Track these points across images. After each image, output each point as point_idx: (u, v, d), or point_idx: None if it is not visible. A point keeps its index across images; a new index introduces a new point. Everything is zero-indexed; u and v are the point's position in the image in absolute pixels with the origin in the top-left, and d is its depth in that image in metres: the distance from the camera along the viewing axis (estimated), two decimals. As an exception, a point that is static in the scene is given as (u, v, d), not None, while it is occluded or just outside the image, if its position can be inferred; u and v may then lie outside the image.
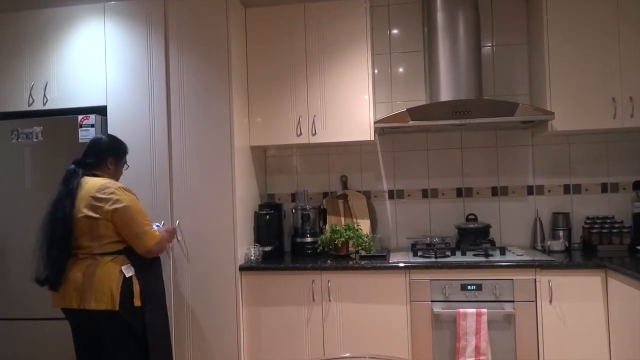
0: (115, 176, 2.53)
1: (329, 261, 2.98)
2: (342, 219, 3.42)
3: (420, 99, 3.42)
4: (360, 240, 3.10)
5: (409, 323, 2.83)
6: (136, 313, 2.33)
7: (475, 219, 3.34)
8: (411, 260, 2.92)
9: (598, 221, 3.14)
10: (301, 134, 3.18)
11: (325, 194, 3.55)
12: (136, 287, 2.33)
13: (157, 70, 3.01)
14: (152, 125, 3.00)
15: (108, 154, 2.48)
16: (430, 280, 2.81)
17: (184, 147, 2.99)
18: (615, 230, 3.07)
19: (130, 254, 2.37)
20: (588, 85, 2.96)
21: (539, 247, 3.20)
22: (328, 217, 3.43)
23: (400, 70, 3.49)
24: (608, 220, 3.13)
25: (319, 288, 2.91)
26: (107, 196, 2.32)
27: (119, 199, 2.32)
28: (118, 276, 2.30)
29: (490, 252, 2.97)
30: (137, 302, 2.33)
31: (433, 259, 2.92)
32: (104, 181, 2.39)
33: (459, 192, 3.43)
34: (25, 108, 3.13)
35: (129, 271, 2.33)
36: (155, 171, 2.99)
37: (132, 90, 3.02)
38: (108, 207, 2.30)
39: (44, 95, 3.11)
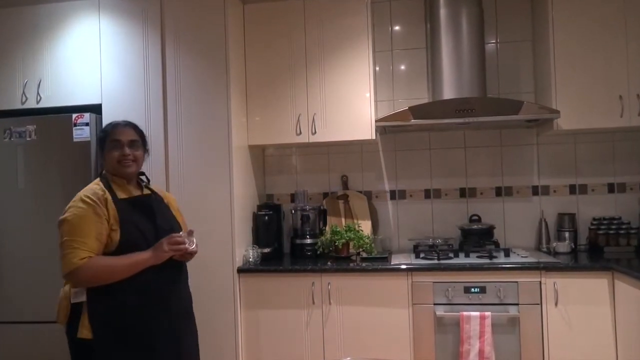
0: (114, 170, 2.08)
1: (329, 263, 2.96)
2: (343, 219, 3.39)
3: (422, 97, 3.39)
4: (361, 241, 3.07)
5: (411, 326, 2.79)
6: (82, 345, 1.93)
7: (479, 220, 3.31)
8: (413, 262, 2.89)
9: (605, 222, 3.11)
10: (301, 132, 3.15)
11: (325, 195, 3.52)
12: (84, 317, 1.94)
13: (153, 67, 2.98)
14: (148, 124, 2.95)
15: (98, 148, 2.19)
16: (433, 282, 2.78)
17: (180, 147, 2.96)
18: (622, 232, 3.05)
19: None
20: (594, 83, 2.93)
21: (544, 249, 3.17)
22: (328, 218, 3.39)
23: (402, 67, 3.45)
24: (615, 221, 3.10)
25: (319, 291, 2.88)
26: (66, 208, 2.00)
27: (66, 209, 1.96)
28: (68, 298, 1.98)
29: (494, 254, 2.95)
30: (83, 333, 1.92)
31: (436, 261, 2.89)
32: (86, 187, 2.07)
33: (462, 193, 3.40)
34: (19, 106, 3.10)
35: (76, 296, 1.98)
36: (151, 171, 2.90)
37: (127, 89, 2.99)
38: None
39: (38, 93, 3.07)
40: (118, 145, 2.07)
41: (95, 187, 2.03)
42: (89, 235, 1.91)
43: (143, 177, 2.22)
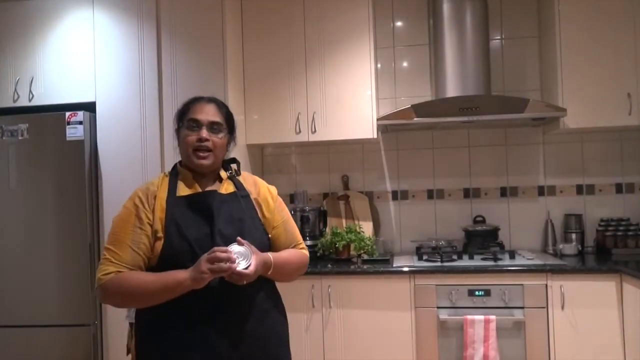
0: (186, 158, 1.67)
1: (329, 265, 2.94)
2: (343, 221, 3.37)
3: (425, 95, 3.36)
4: (363, 243, 3.06)
5: (413, 330, 2.77)
6: None
7: (484, 221, 3.27)
8: (416, 265, 2.87)
9: (612, 223, 3.08)
10: (300, 131, 3.12)
11: (325, 195, 3.49)
12: (132, 342, 1.73)
13: (148, 64, 2.94)
14: (144, 123, 2.93)
15: (174, 126, 1.76)
16: (436, 285, 2.76)
17: (177, 146, 2.89)
18: (630, 233, 3.01)
19: None
20: (602, 80, 2.91)
21: (551, 251, 3.14)
22: (328, 219, 3.36)
23: (405, 64, 3.42)
24: (623, 222, 3.07)
25: (319, 294, 2.85)
26: None
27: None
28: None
29: (499, 256, 2.93)
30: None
31: (439, 263, 2.87)
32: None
33: (466, 193, 3.37)
34: (10, 104, 3.05)
35: (128, 316, 1.84)
36: (146, 171, 2.91)
37: (122, 86, 2.95)
38: None
39: (30, 90, 3.03)
40: (195, 126, 1.64)
41: (154, 180, 1.67)
42: (123, 245, 1.54)
43: (234, 166, 1.76)
